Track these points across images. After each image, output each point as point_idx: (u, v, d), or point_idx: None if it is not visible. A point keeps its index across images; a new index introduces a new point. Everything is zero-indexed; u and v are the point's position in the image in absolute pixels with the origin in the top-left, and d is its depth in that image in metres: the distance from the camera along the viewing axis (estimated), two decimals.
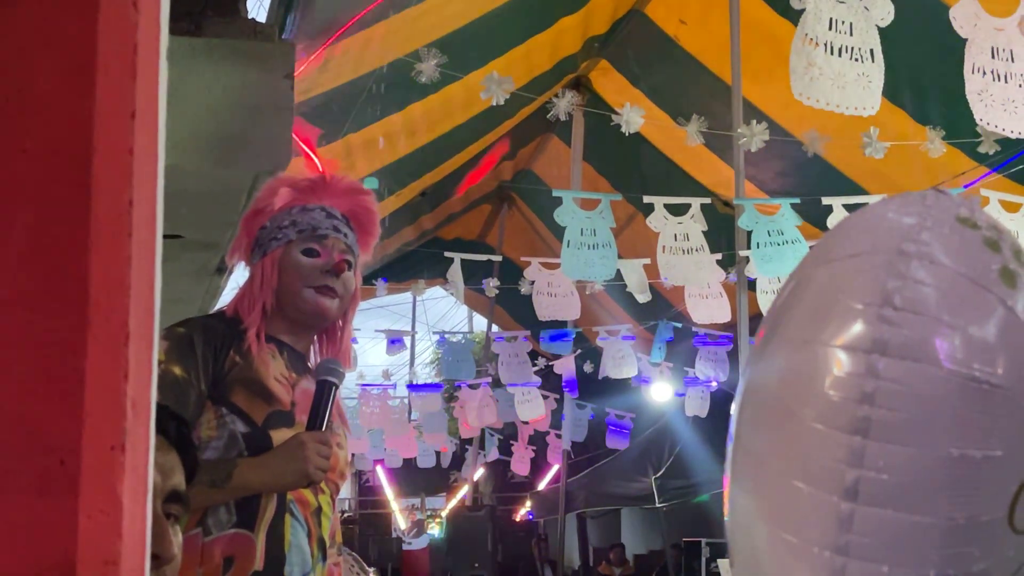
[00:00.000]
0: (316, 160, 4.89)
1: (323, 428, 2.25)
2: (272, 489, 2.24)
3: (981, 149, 5.01)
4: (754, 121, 5.28)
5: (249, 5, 3.98)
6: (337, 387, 2.31)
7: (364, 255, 2.61)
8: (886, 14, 4.19)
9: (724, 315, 7.14)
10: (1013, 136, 4.00)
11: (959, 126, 5.14)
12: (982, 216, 1.08)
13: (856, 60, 4.10)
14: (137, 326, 0.69)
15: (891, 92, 4.67)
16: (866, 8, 4.17)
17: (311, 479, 2.21)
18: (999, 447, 1.00)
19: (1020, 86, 3.86)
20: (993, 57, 3.86)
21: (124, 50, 0.67)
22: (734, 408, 1.15)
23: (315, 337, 2.55)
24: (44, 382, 0.65)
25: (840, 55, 4.08)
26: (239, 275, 2.66)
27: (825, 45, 4.07)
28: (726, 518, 1.20)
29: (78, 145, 0.65)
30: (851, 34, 4.12)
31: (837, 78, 4.06)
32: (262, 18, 4.09)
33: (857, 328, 1.03)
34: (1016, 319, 1.02)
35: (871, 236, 1.09)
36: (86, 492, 0.66)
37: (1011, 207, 5.27)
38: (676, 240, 5.94)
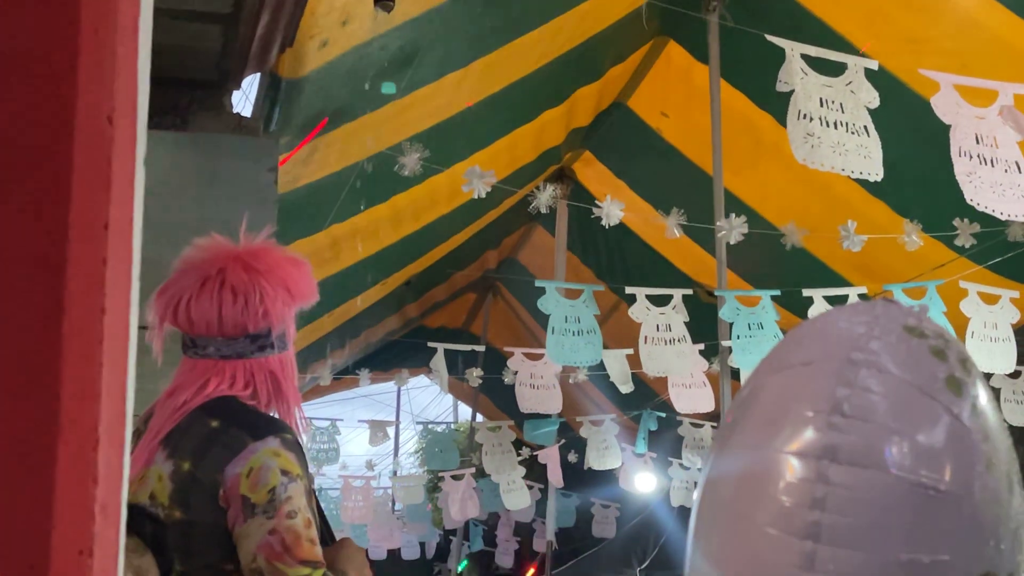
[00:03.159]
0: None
1: None
2: None
3: (958, 242, 5.08)
4: (733, 214, 5.34)
5: (235, 98, 4.04)
6: None
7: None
8: (872, 98, 4.30)
9: (707, 404, 7.14)
10: (1003, 218, 4.05)
11: (937, 217, 5.20)
12: (929, 325, 1.12)
13: (853, 133, 4.20)
14: (107, 431, 0.70)
15: (869, 184, 4.74)
16: (852, 92, 4.27)
17: None
18: (946, 551, 1.02)
19: (1006, 171, 3.91)
20: (978, 143, 3.93)
21: (98, 163, 0.69)
22: (693, 509, 1.18)
23: None
24: (13, 487, 0.66)
25: (836, 128, 4.17)
26: None
27: (820, 119, 4.16)
28: None
29: (52, 255, 0.67)
30: (843, 111, 4.22)
31: (837, 146, 4.15)
32: (248, 111, 4.15)
33: (808, 435, 1.07)
34: (962, 427, 1.05)
35: (822, 344, 1.14)
36: None
37: (990, 299, 5.32)
38: (658, 331, 5.96)
